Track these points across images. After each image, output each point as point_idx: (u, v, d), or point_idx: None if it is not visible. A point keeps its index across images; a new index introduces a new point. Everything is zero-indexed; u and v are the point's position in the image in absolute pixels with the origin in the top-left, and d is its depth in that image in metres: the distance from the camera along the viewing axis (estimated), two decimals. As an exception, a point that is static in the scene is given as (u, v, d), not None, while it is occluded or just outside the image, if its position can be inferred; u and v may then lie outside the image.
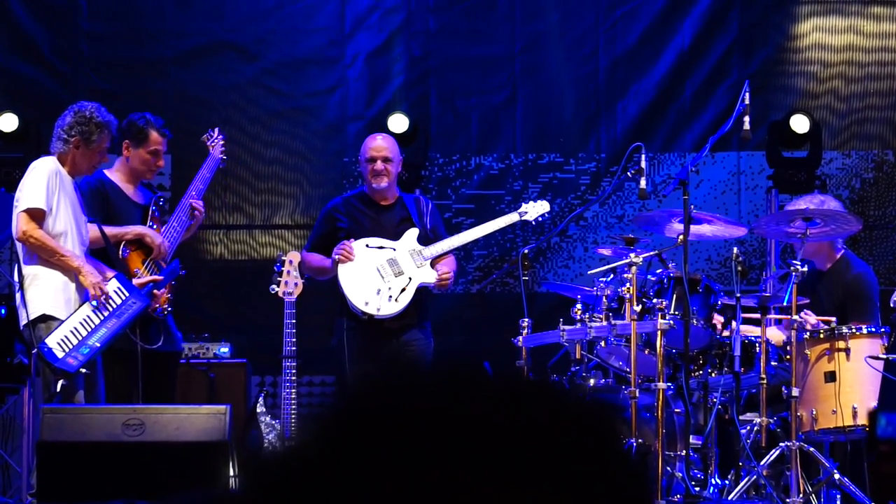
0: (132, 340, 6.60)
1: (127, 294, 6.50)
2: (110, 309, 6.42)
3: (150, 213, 6.96)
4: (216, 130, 7.43)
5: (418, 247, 7.14)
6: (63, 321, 6.35)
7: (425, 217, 7.27)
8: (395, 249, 7.12)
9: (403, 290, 7.04)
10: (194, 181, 7.17)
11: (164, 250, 6.84)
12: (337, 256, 7.03)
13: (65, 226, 6.48)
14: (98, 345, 6.37)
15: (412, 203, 7.32)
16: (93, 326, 6.38)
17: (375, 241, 7.13)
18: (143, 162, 6.98)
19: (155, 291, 6.68)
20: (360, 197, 7.32)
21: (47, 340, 6.29)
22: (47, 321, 6.38)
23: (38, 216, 6.42)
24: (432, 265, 7.14)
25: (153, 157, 6.99)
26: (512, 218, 7.43)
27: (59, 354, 6.28)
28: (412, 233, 7.17)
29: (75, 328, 6.34)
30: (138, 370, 6.60)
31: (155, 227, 6.93)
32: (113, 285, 6.49)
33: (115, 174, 7.01)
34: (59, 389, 6.25)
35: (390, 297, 7.02)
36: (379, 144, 7.28)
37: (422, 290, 7.13)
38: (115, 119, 6.72)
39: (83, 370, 6.34)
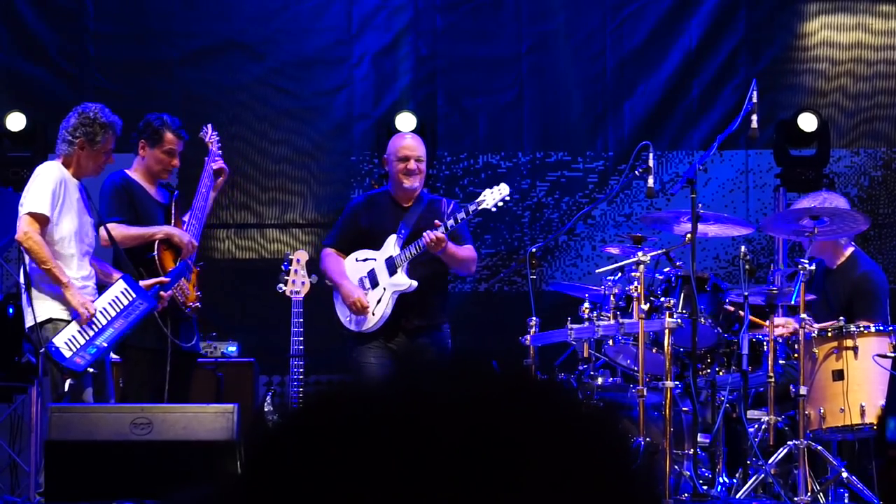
0: (168, 339, 6.66)
1: (134, 295, 6.50)
2: (113, 314, 6.43)
3: (171, 212, 7.00)
4: (209, 126, 7.41)
5: (395, 252, 7.03)
6: (70, 321, 6.36)
7: (447, 218, 7.10)
8: (375, 260, 7.03)
9: (379, 301, 6.96)
10: (202, 179, 7.18)
11: (192, 248, 6.89)
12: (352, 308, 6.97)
13: (69, 230, 6.48)
14: (105, 345, 6.38)
15: (435, 203, 7.20)
16: (100, 327, 6.39)
17: (363, 253, 7.03)
18: (157, 161, 6.99)
19: (161, 293, 6.69)
20: (384, 196, 7.22)
21: (55, 340, 6.30)
22: (54, 322, 6.39)
23: (40, 221, 6.42)
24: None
25: (168, 157, 7.01)
26: (462, 216, 6.92)
27: (67, 354, 6.29)
28: (391, 239, 7.03)
29: (83, 328, 6.36)
30: (168, 369, 6.69)
31: (175, 224, 6.98)
32: (120, 286, 6.50)
33: (135, 173, 7.04)
34: (67, 389, 6.27)
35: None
36: (412, 143, 7.16)
37: (436, 290, 7.03)
38: (120, 119, 6.72)
39: (91, 370, 6.35)
